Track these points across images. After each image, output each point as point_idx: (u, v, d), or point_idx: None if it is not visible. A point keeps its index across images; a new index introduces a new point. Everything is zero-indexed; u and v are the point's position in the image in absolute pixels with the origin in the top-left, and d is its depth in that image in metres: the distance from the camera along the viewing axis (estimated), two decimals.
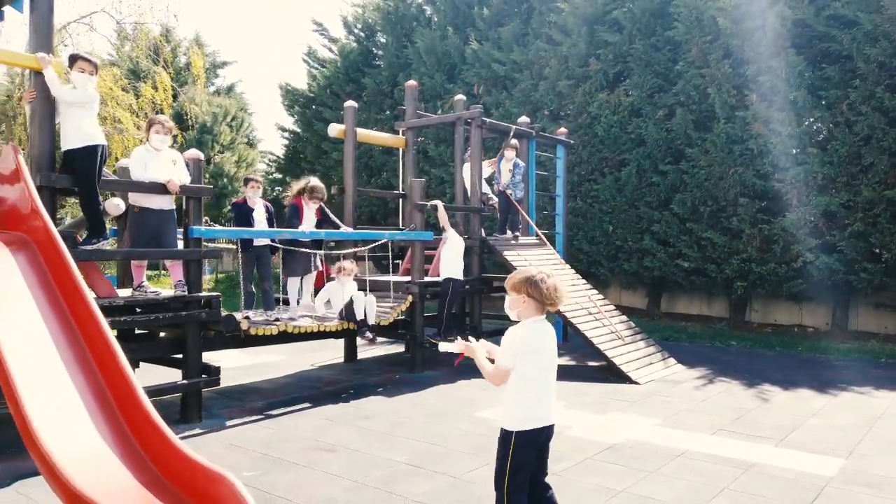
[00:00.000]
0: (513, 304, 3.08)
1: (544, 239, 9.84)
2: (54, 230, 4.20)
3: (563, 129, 11.02)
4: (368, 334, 7.23)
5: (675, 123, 11.63)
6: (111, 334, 3.74)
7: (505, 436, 3.05)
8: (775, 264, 10.64)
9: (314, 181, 7.40)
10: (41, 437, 3.02)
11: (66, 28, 14.38)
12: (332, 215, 7.65)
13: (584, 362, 8.71)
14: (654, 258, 12.04)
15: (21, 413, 3.11)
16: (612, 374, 7.72)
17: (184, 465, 3.23)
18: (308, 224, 7.24)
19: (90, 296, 3.90)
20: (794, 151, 10.61)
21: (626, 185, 12.27)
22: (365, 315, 7.19)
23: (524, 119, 10.40)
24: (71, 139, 5.13)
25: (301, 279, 7.33)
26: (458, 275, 8.17)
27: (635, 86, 12.20)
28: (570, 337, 10.30)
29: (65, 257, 4.05)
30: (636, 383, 7.40)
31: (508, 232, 9.45)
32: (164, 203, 5.84)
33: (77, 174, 5.14)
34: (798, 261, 10.44)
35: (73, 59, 5.20)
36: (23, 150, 5.64)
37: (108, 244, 5.43)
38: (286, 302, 7.26)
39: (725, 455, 4.92)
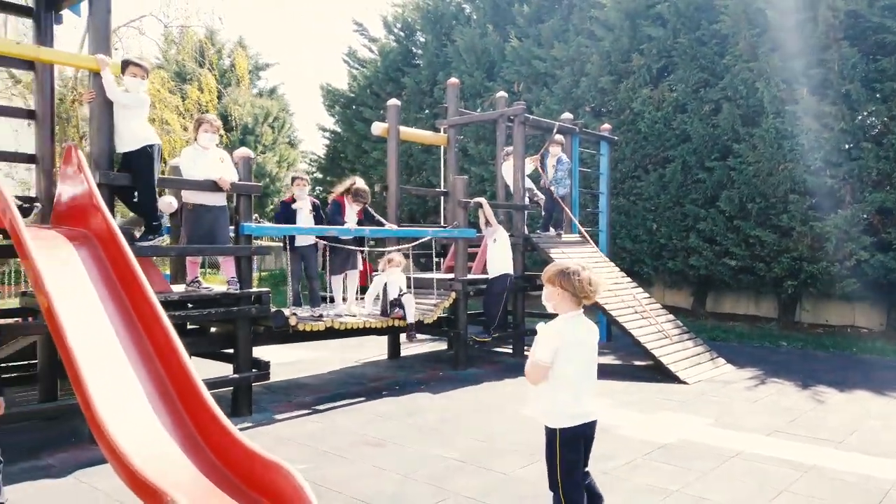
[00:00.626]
0: (548, 296, 3.07)
1: (587, 237, 9.74)
2: (115, 226, 4.32)
3: (606, 126, 10.90)
4: (411, 334, 7.30)
5: (722, 119, 11.38)
6: (171, 327, 3.84)
7: (549, 434, 3.04)
8: (827, 263, 10.33)
9: (359, 183, 7.37)
10: (108, 426, 3.10)
11: (117, 32, 14.79)
12: (376, 215, 7.69)
13: (631, 361, 8.59)
14: (700, 256, 11.81)
15: (88, 403, 3.21)
16: (659, 373, 7.59)
17: (242, 455, 3.29)
18: (350, 222, 7.29)
19: (150, 290, 4.00)
20: (848, 146, 10.28)
21: (670, 182, 12.05)
22: (403, 307, 7.18)
23: (567, 115, 10.31)
24: (126, 141, 5.29)
25: (344, 277, 7.37)
26: (511, 270, 8.22)
27: (680, 81, 11.98)
28: (614, 336, 10.18)
29: (125, 252, 4.16)
30: (685, 383, 7.26)
31: (551, 230, 9.39)
32: (217, 200, 5.97)
33: (134, 173, 5.29)
34: (851, 259, 10.11)
35: (126, 64, 5.35)
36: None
37: (164, 241, 5.56)
38: (331, 300, 7.33)
39: (782, 457, 4.79)
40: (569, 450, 3.00)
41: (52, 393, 5.56)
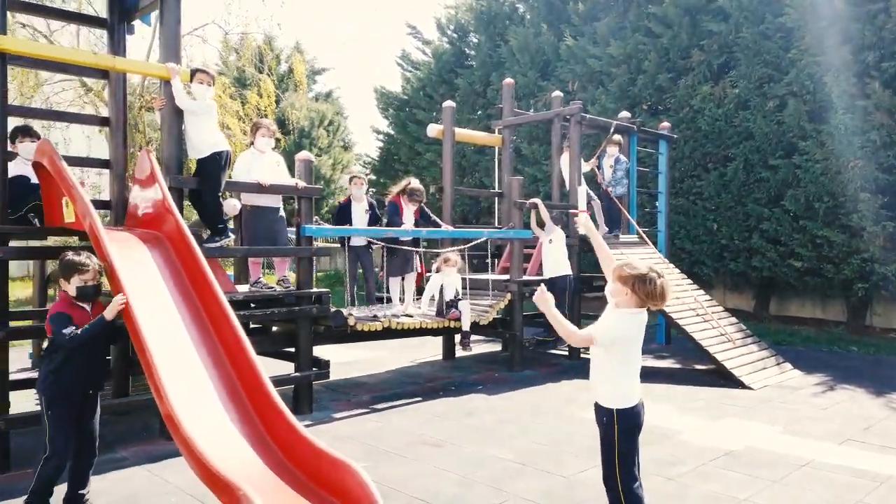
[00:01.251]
0: (615, 292, 3.06)
1: (645, 237, 9.56)
2: (185, 228, 4.48)
3: (665, 124, 10.67)
4: (465, 342, 7.34)
5: (787, 115, 10.97)
6: (239, 326, 3.95)
7: (607, 416, 3.09)
8: None
9: (414, 183, 7.44)
10: (182, 422, 3.21)
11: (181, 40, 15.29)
12: (432, 215, 7.73)
13: (691, 365, 8.38)
14: (764, 258, 11.42)
15: (163, 399, 3.33)
16: (722, 378, 7.38)
17: (309, 453, 3.35)
18: (407, 223, 7.34)
19: (219, 290, 4.13)
20: None
21: (732, 180, 11.70)
22: (459, 309, 7.19)
23: (625, 114, 10.15)
24: (197, 148, 5.49)
25: (402, 279, 7.42)
26: (569, 270, 8.16)
27: (742, 76, 11.62)
28: (673, 339, 9.96)
29: (195, 254, 4.31)
30: (749, 388, 7.04)
31: (605, 230, 9.26)
32: (274, 202, 6.16)
33: (202, 179, 5.47)
34: None
35: (194, 72, 5.55)
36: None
37: (229, 243, 5.73)
38: (387, 300, 7.40)
39: (857, 466, 4.59)
40: (625, 431, 3.06)
41: (125, 389, 5.80)
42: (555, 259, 8.17)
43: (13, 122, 5.18)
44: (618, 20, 13.85)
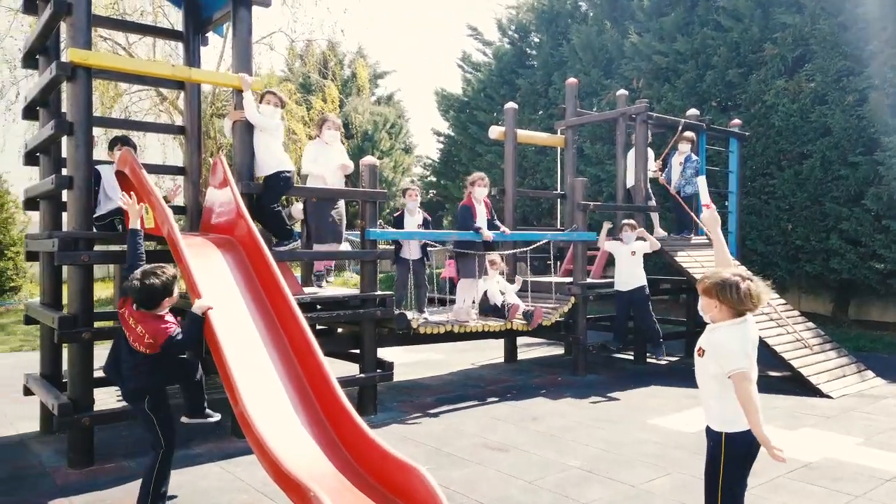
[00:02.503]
0: (706, 308, 2.90)
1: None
2: (257, 232, 4.62)
3: (736, 121, 10.30)
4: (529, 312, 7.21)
5: (868, 110, 10.41)
6: (308, 328, 4.05)
7: (714, 437, 2.88)
8: None
9: (473, 175, 7.60)
10: (255, 422, 3.31)
11: None
12: (495, 217, 7.72)
13: (765, 372, 8.03)
14: (843, 259, 10.87)
15: (237, 399, 3.45)
16: (798, 385, 7.07)
17: (376, 455, 3.40)
18: (482, 221, 7.30)
19: (289, 292, 4.24)
20: None
21: (807, 179, 11.19)
22: (505, 312, 7.14)
23: (693, 111, 9.86)
24: (261, 167, 5.63)
25: (470, 283, 7.37)
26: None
27: (819, 70, 11.09)
28: None
29: (266, 257, 4.45)
30: (828, 397, 6.71)
31: (662, 231, 9.03)
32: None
33: (264, 194, 5.62)
34: None
35: (263, 94, 5.71)
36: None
37: (297, 245, 5.89)
38: (440, 301, 7.41)
39: None
40: (733, 460, 2.83)
41: None
42: (633, 272, 7.86)
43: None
44: (685, 15, 13.47)
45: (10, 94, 13.26)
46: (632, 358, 8.84)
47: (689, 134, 8.87)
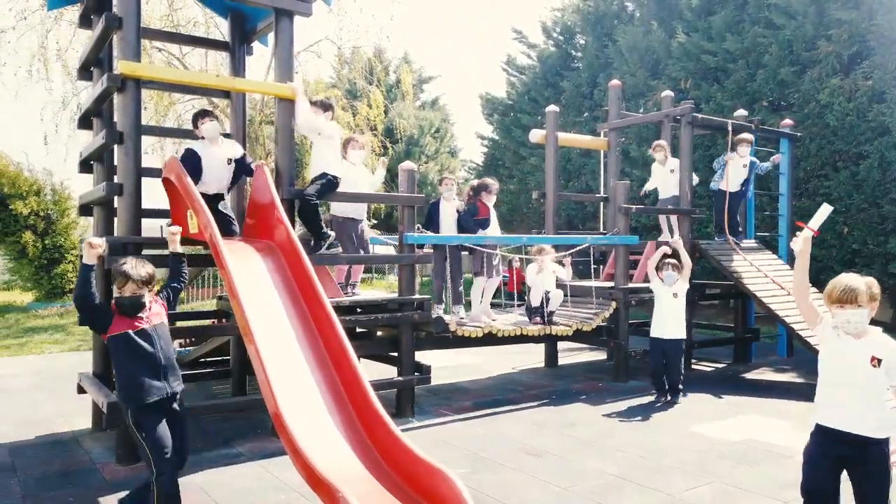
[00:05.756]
0: (866, 316, 2.99)
1: (760, 244, 8.99)
2: (295, 237, 4.72)
3: (787, 121, 9.98)
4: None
5: None
6: (343, 332, 4.11)
7: (885, 448, 2.95)
8: None
9: (486, 179, 7.69)
10: (289, 423, 3.39)
11: (297, 56, 16.17)
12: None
13: (814, 380, 7.74)
14: None
15: (272, 401, 3.53)
16: None
17: (407, 459, 3.43)
18: (493, 225, 7.32)
19: (325, 297, 4.32)
20: None
21: (865, 180, 10.76)
22: (543, 313, 7.09)
23: (741, 112, 9.61)
24: (316, 168, 5.81)
25: (484, 283, 7.30)
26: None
27: (877, 67, 10.66)
28: (796, 350, 9.29)
29: (304, 262, 4.54)
30: None
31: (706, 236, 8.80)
32: (360, 213, 6.60)
33: (310, 184, 5.74)
34: None
35: (313, 102, 5.84)
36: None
37: (338, 248, 5.97)
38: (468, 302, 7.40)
39: None
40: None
41: (242, 387, 6.19)
42: (676, 318, 6.89)
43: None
44: (735, 14, 13.15)
45: (73, 105, 13.89)
46: None
47: (747, 136, 8.60)
